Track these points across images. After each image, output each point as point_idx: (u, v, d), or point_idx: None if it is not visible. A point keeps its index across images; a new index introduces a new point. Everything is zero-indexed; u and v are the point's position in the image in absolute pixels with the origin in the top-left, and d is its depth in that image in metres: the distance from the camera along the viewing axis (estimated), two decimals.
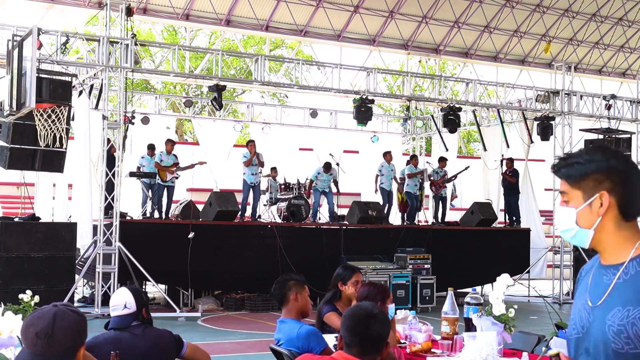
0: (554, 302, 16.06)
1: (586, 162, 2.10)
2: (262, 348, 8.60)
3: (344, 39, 24.33)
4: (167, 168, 14.91)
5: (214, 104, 15.11)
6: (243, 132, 23.65)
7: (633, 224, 2.09)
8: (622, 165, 2.08)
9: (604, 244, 2.11)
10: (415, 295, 14.54)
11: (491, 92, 18.43)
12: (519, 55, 26.93)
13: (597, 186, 2.07)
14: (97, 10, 18.95)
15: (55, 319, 2.46)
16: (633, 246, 2.05)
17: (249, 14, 22.67)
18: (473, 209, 17.52)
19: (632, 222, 2.09)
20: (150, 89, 29.22)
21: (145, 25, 26.84)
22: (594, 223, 2.08)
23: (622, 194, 2.06)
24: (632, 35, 27.56)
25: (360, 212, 15.89)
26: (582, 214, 2.10)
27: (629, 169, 2.08)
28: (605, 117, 18.17)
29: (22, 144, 12.05)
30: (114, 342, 3.70)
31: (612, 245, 2.09)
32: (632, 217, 2.08)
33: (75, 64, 14.12)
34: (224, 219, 14.49)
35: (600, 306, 2.06)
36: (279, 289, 4.80)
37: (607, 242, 2.10)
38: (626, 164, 2.09)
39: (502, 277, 4.50)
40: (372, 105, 15.96)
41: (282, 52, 32.12)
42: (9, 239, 11.91)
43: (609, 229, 2.08)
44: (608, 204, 2.06)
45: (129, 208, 15.50)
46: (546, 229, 20.19)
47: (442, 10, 24.14)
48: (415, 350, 4.66)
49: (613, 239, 2.09)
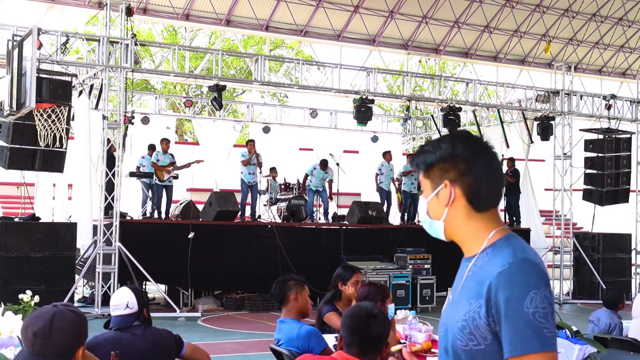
0: (554, 302, 16.03)
1: (433, 150, 1.98)
2: (262, 348, 8.60)
3: (344, 39, 24.33)
4: (163, 168, 14.89)
5: (214, 104, 15.11)
6: (243, 132, 23.64)
7: (486, 215, 1.95)
8: (468, 153, 1.93)
9: (458, 236, 2.00)
10: (415, 295, 14.53)
11: (491, 92, 18.43)
12: (519, 55, 26.92)
13: (443, 175, 1.95)
14: (97, 10, 18.94)
15: (53, 319, 2.46)
16: (486, 237, 1.93)
17: (249, 14, 22.66)
18: None
19: (485, 213, 1.95)
20: (150, 89, 29.21)
21: (145, 25, 26.84)
22: (443, 214, 1.97)
23: (469, 183, 1.93)
24: (632, 35, 27.55)
25: (360, 212, 15.89)
26: (432, 205, 1.99)
27: (475, 157, 1.93)
28: (605, 117, 18.16)
29: (22, 144, 12.06)
30: (114, 342, 3.70)
31: (465, 237, 1.98)
32: (482, 207, 1.94)
33: (75, 64, 14.12)
34: (224, 219, 14.49)
35: (454, 301, 1.98)
36: (279, 289, 4.80)
37: (460, 234, 1.99)
38: (473, 151, 1.94)
39: None
40: (372, 105, 15.96)
41: (282, 52, 32.12)
42: (9, 239, 11.91)
43: (458, 221, 1.97)
44: (449, 194, 1.94)
45: (129, 208, 15.49)
46: (546, 229, 20.18)
47: (442, 10, 24.14)
48: (415, 350, 4.65)
49: (464, 230, 1.97)
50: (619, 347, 5.85)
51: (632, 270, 18.31)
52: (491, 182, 1.95)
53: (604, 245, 17.37)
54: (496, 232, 1.94)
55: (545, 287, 1.82)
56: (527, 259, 1.86)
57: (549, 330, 1.79)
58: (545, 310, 1.79)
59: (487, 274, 1.86)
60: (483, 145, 1.97)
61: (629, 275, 17.96)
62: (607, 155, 17.35)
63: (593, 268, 16.81)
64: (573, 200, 17.47)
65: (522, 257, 1.85)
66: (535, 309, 1.78)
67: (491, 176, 1.95)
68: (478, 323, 1.86)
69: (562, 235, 17.58)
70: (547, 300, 1.81)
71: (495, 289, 1.82)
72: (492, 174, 1.95)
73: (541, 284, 1.82)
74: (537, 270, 1.84)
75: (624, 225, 19.25)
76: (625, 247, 17.91)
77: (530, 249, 1.92)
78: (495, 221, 1.96)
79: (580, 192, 17.87)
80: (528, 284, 1.80)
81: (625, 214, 19.62)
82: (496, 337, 1.84)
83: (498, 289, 1.82)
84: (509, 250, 1.88)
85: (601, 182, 17.37)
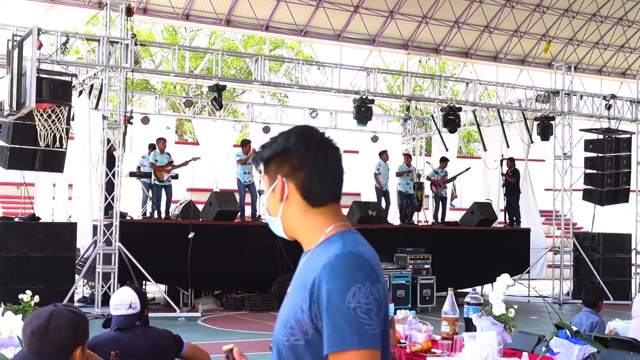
0: (554, 302, 16.05)
1: (269, 145, 1.92)
2: (262, 348, 8.60)
3: (344, 39, 24.33)
4: (162, 168, 14.88)
5: (214, 104, 15.11)
6: (243, 132, 23.64)
7: (324, 210, 1.88)
8: (301, 146, 1.86)
9: (297, 232, 1.92)
10: (415, 295, 14.53)
11: (491, 92, 18.43)
12: (519, 55, 26.93)
13: (277, 170, 1.88)
14: (97, 10, 18.95)
15: (51, 319, 2.47)
16: (324, 232, 1.86)
17: (249, 14, 22.67)
18: (473, 209, 17.53)
19: (321, 208, 1.88)
20: (150, 89, 29.22)
21: (145, 25, 26.84)
22: (279, 210, 1.90)
23: (302, 178, 1.86)
24: (632, 35, 27.56)
25: (360, 212, 15.89)
26: (270, 202, 1.93)
27: (307, 151, 1.86)
28: (605, 117, 18.16)
29: (22, 144, 12.05)
30: (114, 342, 3.70)
31: (303, 233, 1.90)
32: (317, 203, 1.87)
33: (75, 64, 14.12)
34: (224, 219, 14.49)
35: (287, 297, 1.91)
36: (279, 289, 4.80)
37: (298, 230, 1.91)
38: (305, 145, 1.87)
39: (502, 277, 4.50)
40: (372, 105, 15.96)
41: (282, 52, 32.12)
42: (9, 239, 11.91)
43: (295, 217, 1.89)
44: (282, 189, 1.87)
45: (129, 208, 15.49)
46: (546, 229, 20.19)
47: (442, 10, 24.14)
48: (415, 350, 4.66)
49: (302, 227, 1.90)
50: (619, 347, 5.84)
51: (632, 270, 18.30)
52: (323, 176, 1.87)
53: (604, 245, 17.37)
54: (334, 227, 1.87)
55: (371, 284, 1.73)
56: (354, 252, 1.78)
57: (371, 327, 1.70)
58: (369, 306, 1.71)
59: (315, 266, 1.79)
60: (317, 139, 1.89)
61: (629, 275, 17.95)
62: (607, 155, 17.35)
63: (593, 268, 16.81)
64: (573, 200, 17.47)
65: (349, 251, 1.78)
66: (358, 304, 1.70)
67: (324, 170, 1.87)
68: (300, 317, 1.78)
69: (562, 235, 17.58)
70: (373, 297, 1.72)
71: (318, 282, 1.75)
72: (324, 168, 1.87)
73: (367, 279, 1.73)
74: (363, 265, 1.76)
75: (624, 225, 19.25)
76: (625, 247, 17.90)
77: (364, 245, 1.85)
78: (334, 216, 1.89)
79: (580, 192, 17.87)
80: (352, 277, 1.72)
81: (625, 214, 19.63)
82: (318, 332, 1.75)
83: (321, 281, 1.74)
84: (339, 244, 1.81)
85: (601, 182, 17.36)
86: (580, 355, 4.23)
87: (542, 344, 4.54)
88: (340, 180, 1.91)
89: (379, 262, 1.87)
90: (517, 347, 4.67)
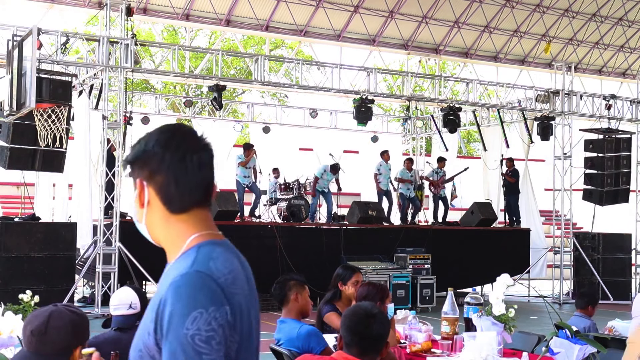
0: (554, 302, 16.05)
1: (134, 147, 1.79)
2: (262, 348, 8.57)
3: (344, 39, 24.33)
4: None
5: (214, 104, 15.11)
6: (243, 132, 23.64)
7: (186, 217, 1.74)
8: (159, 148, 1.72)
9: (161, 240, 1.79)
10: (415, 295, 14.53)
11: (491, 92, 18.43)
12: (519, 55, 26.92)
13: (139, 174, 1.75)
14: (97, 10, 18.94)
15: (50, 319, 2.47)
16: (185, 243, 1.73)
17: (249, 14, 22.67)
18: (473, 209, 17.53)
19: (183, 215, 1.74)
20: (150, 89, 29.22)
21: (145, 25, 26.84)
22: (143, 216, 1.77)
23: (160, 182, 1.72)
24: (632, 35, 27.55)
25: (360, 212, 15.89)
26: (135, 206, 1.78)
27: (164, 153, 1.72)
28: (605, 117, 18.16)
29: (22, 144, 12.05)
30: (114, 342, 3.70)
31: (167, 242, 1.77)
32: (177, 209, 1.73)
33: (75, 64, 14.12)
34: (224, 219, 14.47)
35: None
36: (279, 289, 4.80)
37: (161, 238, 1.78)
38: (164, 147, 1.72)
39: (502, 277, 4.51)
40: (372, 105, 15.96)
41: (282, 52, 32.12)
42: (9, 239, 11.91)
43: (157, 224, 1.76)
44: (141, 193, 1.74)
45: (129, 208, 15.48)
46: (546, 229, 20.19)
47: (442, 10, 24.14)
48: (415, 350, 4.66)
49: (164, 235, 1.76)
50: (619, 347, 5.84)
51: (632, 270, 18.30)
52: (181, 180, 1.72)
53: (604, 245, 17.37)
54: (195, 238, 1.73)
55: (216, 308, 1.58)
56: (201, 271, 1.62)
57: (210, 357, 1.54)
58: (210, 334, 1.55)
59: (166, 284, 1.65)
60: (177, 140, 1.74)
61: (629, 275, 17.95)
62: (607, 155, 17.35)
63: (593, 268, 16.81)
64: (573, 200, 17.47)
65: (196, 270, 1.62)
66: (197, 331, 1.54)
67: (181, 174, 1.72)
68: (147, 340, 1.63)
69: (562, 235, 17.58)
70: (217, 323, 1.57)
71: (164, 303, 1.61)
72: (182, 172, 1.72)
73: (211, 303, 1.58)
74: (209, 286, 1.60)
75: (624, 225, 19.25)
76: (625, 247, 17.90)
77: (220, 261, 1.68)
78: (198, 225, 1.75)
79: (580, 192, 17.87)
80: (194, 301, 1.57)
81: (625, 214, 19.62)
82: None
83: (166, 302, 1.60)
84: (190, 260, 1.66)
85: (601, 182, 17.36)
86: (580, 355, 4.23)
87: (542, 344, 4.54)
88: (202, 184, 1.75)
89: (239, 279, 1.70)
90: (517, 347, 4.67)
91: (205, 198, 1.78)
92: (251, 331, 1.72)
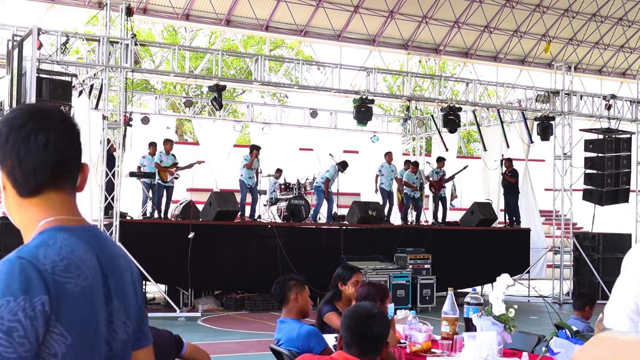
0: (554, 302, 16.06)
1: None
2: (262, 348, 8.60)
3: (344, 39, 24.33)
4: (166, 169, 14.91)
5: (214, 104, 15.12)
6: (243, 132, 23.65)
7: (38, 201, 1.66)
8: (5, 129, 1.63)
9: (19, 227, 1.72)
10: (415, 295, 14.54)
11: (491, 92, 18.43)
12: (519, 55, 26.93)
13: None
14: (97, 10, 18.95)
15: None
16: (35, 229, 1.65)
17: (249, 14, 22.67)
18: (473, 209, 17.53)
19: (33, 199, 1.66)
20: (150, 89, 29.21)
21: (145, 25, 26.84)
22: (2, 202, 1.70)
23: (9, 164, 1.63)
24: (632, 35, 27.56)
25: (360, 212, 15.89)
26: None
27: (9, 133, 1.62)
28: (605, 117, 18.17)
29: None
30: None
31: (22, 228, 1.70)
32: (25, 192, 1.65)
33: (75, 64, 14.12)
34: (224, 219, 14.50)
35: None
36: (279, 289, 4.80)
37: (19, 225, 1.71)
38: (8, 127, 1.63)
39: (502, 277, 4.50)
40: (372, 105, 15.97)
41: (282, 52, 32.12)
42: (9, 239, 11.89)
43: (13, 209, 1.69)
44: None
45: (129, 208, 15.49)
46: (546, 229, 20.20)
47: (442, 10, 24.14)
48: (415, 350, 4.66)
49: (20, 220, 1.70)
50: None
51: None
52: (25, 160, 1.62)
53: (604, 245, 17.37)
54: (45, 223, 1.65)
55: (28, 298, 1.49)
56: (24, 258, 1.57)
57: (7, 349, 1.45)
58: (13, 325, 1.47)
59: None
60: (25, 119, 1.64)
61: None
62: (607, 155, 17.35)
63: (593, 268, 16.82)
64: (573, 200, 17.48)
65: (19, 256, 1.57)
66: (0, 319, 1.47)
67: (25, 153, 1.62)
68: None
69: (562, 235, 17.59)
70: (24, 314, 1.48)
71: None
72: (27, 151, 1.62)
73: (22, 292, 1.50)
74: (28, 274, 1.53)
75: (624, 225, 19.25)
76: (625, 247, 17.86)
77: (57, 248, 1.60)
78: (50, 209, 1.67)
79: (580, 192, 17.88)
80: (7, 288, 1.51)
81: (625, 214, 19.62)
82: None
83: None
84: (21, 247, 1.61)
85: (601, 182, 17.36)
86: None
87: (542, 344, 4.54)
88: (49, 164, 1.64)
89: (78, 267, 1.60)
90: (517, 347, 4.67)
91: (55, 179, 1.67)
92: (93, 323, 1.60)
